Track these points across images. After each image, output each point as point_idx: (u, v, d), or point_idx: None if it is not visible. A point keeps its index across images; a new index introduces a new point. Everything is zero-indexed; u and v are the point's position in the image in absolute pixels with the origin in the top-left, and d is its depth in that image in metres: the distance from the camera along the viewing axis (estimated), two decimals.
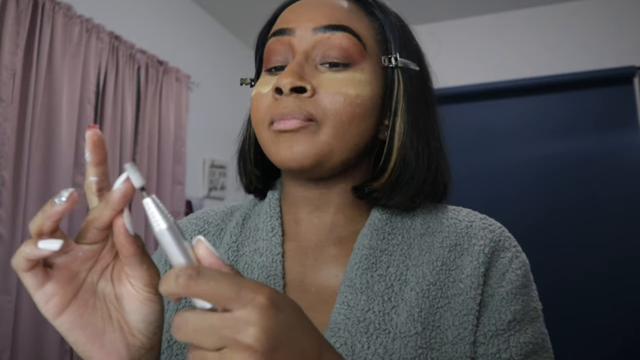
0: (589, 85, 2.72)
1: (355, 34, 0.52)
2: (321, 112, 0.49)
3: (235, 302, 0.30)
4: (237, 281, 0.30)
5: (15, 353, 1.60)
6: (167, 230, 0.32)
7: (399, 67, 0.54)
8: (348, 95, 0.50)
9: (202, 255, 0.33)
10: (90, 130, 0.36)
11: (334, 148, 0.50)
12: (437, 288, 0.50)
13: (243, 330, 0.29)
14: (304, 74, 0.50)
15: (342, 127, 0.50)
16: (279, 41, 0.53)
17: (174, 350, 0.52)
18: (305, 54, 0.51)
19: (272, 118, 0.50)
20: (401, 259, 0.52)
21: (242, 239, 0.58)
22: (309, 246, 0.55)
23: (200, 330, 0.30)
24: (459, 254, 0.52)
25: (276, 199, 0.59)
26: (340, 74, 0.50)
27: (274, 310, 0.30)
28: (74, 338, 0.37)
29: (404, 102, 0.54)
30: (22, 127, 1.69)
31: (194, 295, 0.30)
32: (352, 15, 0.53)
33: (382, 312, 0.48)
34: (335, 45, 0.51)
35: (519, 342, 0.49)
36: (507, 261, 0.52)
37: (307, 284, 0.53)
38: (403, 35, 0.56)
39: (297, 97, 0.49)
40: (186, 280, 0.30)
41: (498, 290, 0.50)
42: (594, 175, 2.64)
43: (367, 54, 0.52)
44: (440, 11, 2.97)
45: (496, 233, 0.54)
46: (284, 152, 0.50)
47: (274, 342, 0.29)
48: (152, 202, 0.33)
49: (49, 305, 0.36)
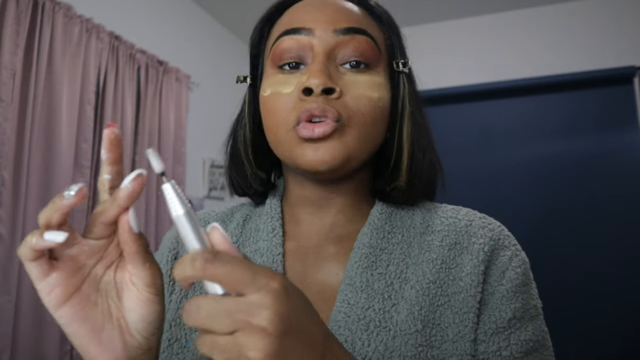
0: (589, 85, 2.72)
1: (372, 38, 0.53)
2: (348, 114, 0.50)
3: (250, 286, 0.30)
4: (251, 266, 0.31)
5: (15, 353, 1.60)
6: (184, 215, 0.33)
7: (403, 71, 0.56)
8: (372, 99, 0.51)
9: (216, 241, 0.34)
10: (108, 128, 0.36)
11: (358, 150, 0.51)
12: (437, 286, 0.50)
13: (257, 314, 0.30)
14: (332, 75, 0.50)
15: (365, 129, 0.51)
16: (294, 40, 0.52)
17: (174, 349, 0.52)
18: (327, 55, 0.51)
19: (298, 118, 0.50)
20: (401, 257, 0.52)
21: (242, 240, 0.58)
22: (310, 246, 0.55)
23: (214, 314, 0.30)
24: (459, 252, 0.52)
25: (277, 200, 0.59)
26: (362, 76, 0.52)
27: (286, 296, 0.31)
28: (73, 331, 0.37)
29: (410, 104, 0.56)
30: (22, 127, 1.69)
31: (210, 278, 0.31)
32: (365, 19, 0.55)
33: (382, 310, 0.48)
34: (356, 47, 0.51)
35: (520, 340, 0.49)
36: (506, 259, 0.52)
37: (307, 283, 0.53)
38: (402, 41, 0.58)
39: (326, 98, 0.49)
40: (203, 263, 0.31)
41: (498, 288, 0.51)
42: (594, 175, 2.64)
43: (381, 57, 0.54)
44: (440, 11, 2.97)
45: (495, 232, 0.54)
46: (312, 155, 0.50)
47: (286, 325, 0.30)
48: (171, 188, 0.34)
49: (51, 295, 0.36)
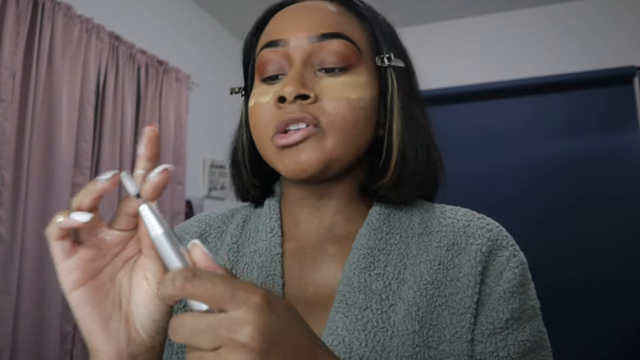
0: (589, 85, 2.72)
1: (349, 39, 0.52)
2: (326, 118, 0.50)
3: (231, 302, 0.31)
4: (231, 282, 0.31)
5: (15, 353, 1.60)
6: (163, 235, 0.34)
7: (391, 66, 0.55)
8: (351, 100, 0.51)
9: (197, 258, 0.34)
10: (149, 126, 0.38)
11: (341, 153, 0.51)
12: (435, 287, 0.50)
13: (239, 330, 0.30)
14: (306, 82, 0.50)
15: (347, 132, 0.51)
16: (273, 52, 0.53)
17: (174, 349, 0.53)
18: (303, 62, 0.51)
19: (276, 127, 0.51)
20: (399, 258, 0.52)
21: (242, 240, 0.58)
22: (308, 246, 0.56)
23: (197, 331, 0.31)
24: (457, 253, 0.52)
25: (276, 201, 0.59)
26: (340, 78, 0.51)
27: (268, 310, 0.31)
28: (82, 314, 0.38)
29: (399, 99, 0.55)
30: (22, 127, 1.69)
31: (190, 297, 0.31)
32: (343, 20, 0.54)
33: (380, 311, 0.48)
34: (331, 52, 0.51)
35: (517, 341, 0.49)
36: (504, 260, 0.52)
37: (306, 283, 0.53)
38: (391, 35, 0.57)
39: (300, 104, 0.50)
40: (182, 282, 0.31)
41: (495, 288, 0.51)
42: (594, 175, 2.64)
43: (362, 56, 0.53)
44: (440, 11, 2.97)
45: (494, 232, 0.54)
46: (291, 164, 0.50)
47: (269, 340, 0.30)
48: (147, 209, 0.34)
49: (69, 277, 0.37)
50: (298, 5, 0.56)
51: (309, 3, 0.55)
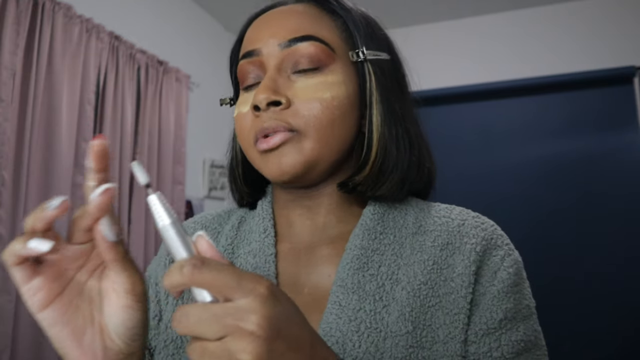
0: (589, 85, 2.71)
1: (320, 40, 0.52)
2: (301, 121, 0.50)
3: (237, 291, 0.31)
4: (238, 272, 0.32)
5: (15, 353, 1.60)
6: (170, 225, 0.34)
7: (367, 59, 0.54)
8: (324, 100, 0.51)
9: (203, 249, 0.34)
10: (95, 140, 0.37)
11: (321, 153, 0.51)
12: (429, 287, 0.50)
13: (245, 318, 0.30)
14: (278, 88, 0.51)
15: (324, 132, 0.51)
16: (249, 62, 0.54)
17: (170, 350, 0.53)
18: (277, 68, 0.52)
19: (255, 135, 0.52)
20: (393, 258, 0.52)
21: (237, 242, 0.58)
22: (302, 247, 0.56)
23: (203, 320, 0.31)
24: (451, 252, 0.52)
25: (268, 202, 0.59)
26: (313, 79, 0.51)
27: (274, 300, 0.32)
28: (54, 334, 0.38)
29: (378, 93, 0.54)
30: (22, 127, 1.69)
31: (197, 284, 0.31)
32: (313, 20, 0.54)
33: (374, 312, 0.48)
34: (303, 54, 0.51)
35: (511, 341, 0.49)
36: (498, 259, 0.52)
37: (300, 284, 0.53)
38: (367, 27, 0.56)
39: (274, 111, 0.50)
40: (191, 270, 0.31)
41: (489, 288, 0.50)
42: (594, 175, 2.64)
43: (335, 54, 0.53)
44: (440, 11, 2.97)
45: (488, 231, 0.54)
46: (273, 167, 0.51)
47: (274, 329, 0.31)
48: (156, 199, 0.34)
49: (34, 298, 0.36)
50: (270, 13, 0.56)
51: (281, 9, 0.56)
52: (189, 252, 0.34)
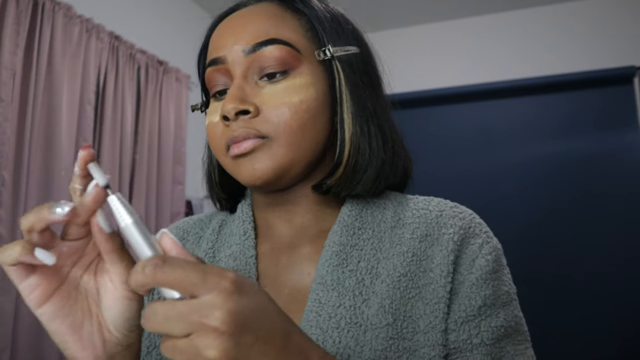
0: (589, 85, 2.71)
1: (284, 42, 0.51)
2: (270, 128, 0.50)
3: (201, 287, 0.31)
4: (201, 267, 0.32)
5: (15, 353, 1.60)
6: (132, 224, 0.34)
7: (335, 57, 0.53)
8: (292, 104, 0.50)
9: (167, 247, 0.35)
10: (83, 150, 0.37)
11: (293, 158, 0.51)
12: (408, 279, 0.50)
13: (209, 314, 0.30)
14: (245, 96, 0.50)
15: (295, 137, 0.50)
16: (215, 70, 0.53)
17: (153, 357, 0.53)
18: (243, 75, 0.51)
19: (227, 143, 0.51)
20: (372, 252, 0.52)
21: (218, 245, 0.59)
22: (283, 247, 0.56)
23: (169, 318, 0.31)
24: (430, 244, 0.52)
25: (248, 205, 0.59)
26: (280, 84, 0.51)
27: (238, 294, 0.31)
28: (54, 328, 0.38)
29: (347, 91, 0.53)
30: (22, 127, 1.69)
31: (161, 284, 0.32)
32: (276, 21, 0.53)
33: (353, 307, 0.49)
34: (268, 59, 0.51)
35: (490, 327, 0.49)
36: (477, 247, 0.52)
37: (280, 284, 0.53)
38: (333, 23, 0.55)
39: (243, 120, 0.50)
40: (152, 269, 0.31)
41: (468, 277, 0.50)
42: (594, 175, 2.64)
43: (301, 55, 0.52)
44: (440, 11, 2.97)
45: (466, 220, 0.54)
46: (246, 173, 0.51)
47: (240, 323, 0.31)
48: (117, 200, 0.35)
49: (31, 296, 0.37)
50: (232, 17, 0.55)
51: (243, 11, 0.55)
52: (153, 250, 0.34)
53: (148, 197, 2.29)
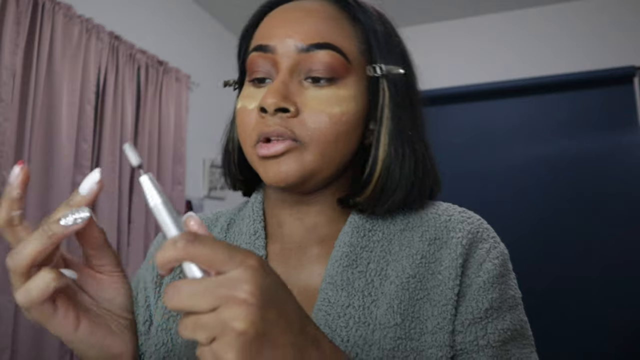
0: (589, 85, 2.72)
1: (338, 50, 0.51)
2: (306, 133, 0.49)
3: (229, 263, 0.31)
4: (229, 246, 0.32)
5: (15, 353, 1.60)
6: (161, 204, 0.35)
7: (383, 75, 0.53)
8: (333, 115, 0.50)
9: (194, 228, 0.36)
10: (21, 167, 0.37)
11: (320, 166, 0.50)
12: (417, 280, 0.51)
13: (238, 287, 0.31)
14: (289, 93, 0.49)
15: (327, 147, 0.50)
16: (261, 57, 0.52)
17: (161, 354, 0.53)
18: (289, 71, 0.50)
19: (258, 137, 0.51)
20: (382, 254, 0.53)
21: None
22: (292, 247, 0.56)
23: (195, 293, 0.31)
24: (438, 247, 0.53)
25: (259, 202, 0.59)
26: (324, 90, 0.50)
27: (264, 272, 0.32)
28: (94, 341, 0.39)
29: (389, 110, 0.53)
30: (22, 127, 1.69)
31: (191, 258, 0.32)
32: (334, 25, 0.52)
33: (362, 307, 0.49)
34: (319, 62, 0.50)
35: (497, 329, 0.50)
36: (484, 252, 0.53)
37: (290, 284, 0.53)
38: (387, 40, 0.55)
39: (281, 117, 0.49)
40: (184, 244, 0.32)
41: (475, 280, 0.51)
42: (594, 176, 2.64)
43: (351, 67, 0.51)
44: (440, 11, 2.97)
45: (474, 225, 0.55)
46: (272, 173, 0.50)
47: (266, 297, 0.31)
48: (148, 180, 0.35)
49: (66, 322, 0.38)
50: (290, 7, 0.54)
51: (303, 4, 0.54)
52: (180, 229, 0.35)
53: None
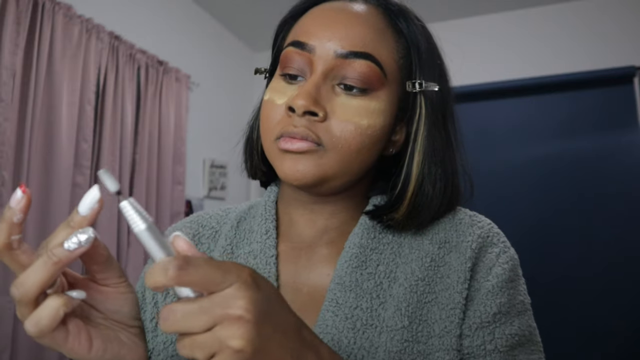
0: (589, 85, 2.71)
1: (377, 62, 0.50)
2: (330, 139, 0.49)
3: (222, 283, 0.31)
4: (220, 265, 0.32)
5: (15, 353, 1.60)
6: (146, 230, 0.33)
7: (421, 91, 0.53)
8: (360, 126, 0.49)
9: (181, 248, 0.35)
10: (23, 191, 0.36)
11: (337, 173, 0.50)
12: (425, 283, 0.51)
13: (232, 304, 0.31)
14: (320, 98, 0.49)
15: (349, 155, 0.50)
16: (298, 53, 0.51)
17: (169, 352, 0.53)
18: (324, 74, 0.50)
19: (281, 133, 0.50)
20: (391, 257, 0.52)
21: (236, 242, 0.58)
22: (303, 247, 0.56)
23: (190, 314, 0.31)
24: (448, 250, 0.53)
25: (272, 201, 0.59)
26: (356, 100, 0.50)
27: (257, 287, 0.32)
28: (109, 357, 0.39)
29: (425, 128, 0.53)
30: (22, 127, 1.69)
31: (184, 284, 0.31)
32: (377, 35, 0.51)
33: (370, 309, 0.49)
34: (355, 71, 0.49)
35: (504, 334, 0.49)
36: (494, 256, 0.53)
37: (299, 284, 0.54)
38: (428, 55, 0.54)
39: (309, 119, 0.49)
40: (176, 271, 0.31)
41: (484, 284, 0.51)
42: (594, 176, 2.64)
43: (386, 81, 0.51)
44: (440, 11, 2.97)
45: (484, 229, 0.54)
46: (288, 169, 0.50)
47: (261, 312, 0.31)
48: (129, 205, 0.34)
49: (80, 344, 0.38)
50: (336, 8, 0.53)
51: (348, 6, 0.53)
52: (168, 253, 0.34)
53: (148, 197, 2.29)
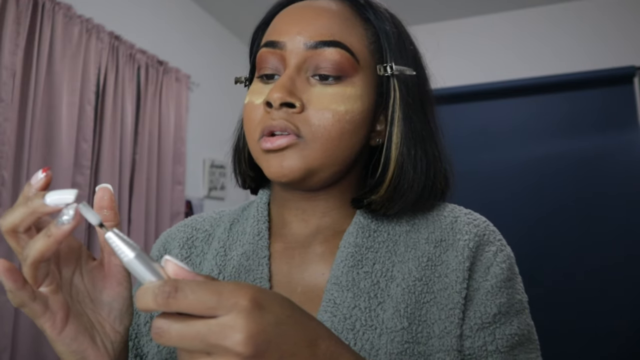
0: (589, 85, 2.71)
1: (347, 49, 0.51)
2: (309, 129, 0.49)
3: (218, 309, 0.29)
4: (215, 288, 0.30)
5: (15, 353, 1.60)
6: (135, 258, 0.32)
7: (394, 75, 0.53)
8: (337, 112, 0.50)
9: (173, 273, 0.33)
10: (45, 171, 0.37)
11: (323, 163, 0.50)
12: (423, 283, 0.50)
13: (229, 337, 0.29)
14: (295, 89, 0.50)
15: (331, 144, 0.50)
16: (270, 52, 0.52)
17: (163, 355, 0.53)
18: (297, 67, 0.50)
19: (262, 131, 0.51)
20: (387, 255, 0.52)
21: (229, 244, 0.58)
22: (296, 246, 0.56)
23: (186, 336, 0.30)
24: (444, 249, 0.53)
25: (264, 203, 0.59)
26: (331, 88, 0.50)
27: (259, 312, 0.30)
28: (75, 347, 0.39)
29: (401, 111, 0.53)
30: (22, 127, 1.69)
31: (176, 310, 0.30)
32: (344, 24, 0.52)
33: (369, 309, 0.49)
34: (326, 60, 0.50)
35: (505, 334, 0.50)
36: (491, 255, 0.53)
37: (293, 284, 0.53)
38: (399, 41, 0.55)
39: (286, 112, 0.49)
40: (165, 299, 0.30)
41: (483, 284, 0.51)
42: (594, 176, 2.64)
43: (359, 66, 0.51)
44: (440, 11, 2.97)
45: (481, 227, 0.54)
46: (273, 168, 0.50)
47: (262, 344, 0.29)
48: (115, 236, 0.33)
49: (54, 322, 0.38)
50: (303, 5, 0.54)
51: (315, 3, 0.54)
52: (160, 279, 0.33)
53: (148, 197, 2.29)
